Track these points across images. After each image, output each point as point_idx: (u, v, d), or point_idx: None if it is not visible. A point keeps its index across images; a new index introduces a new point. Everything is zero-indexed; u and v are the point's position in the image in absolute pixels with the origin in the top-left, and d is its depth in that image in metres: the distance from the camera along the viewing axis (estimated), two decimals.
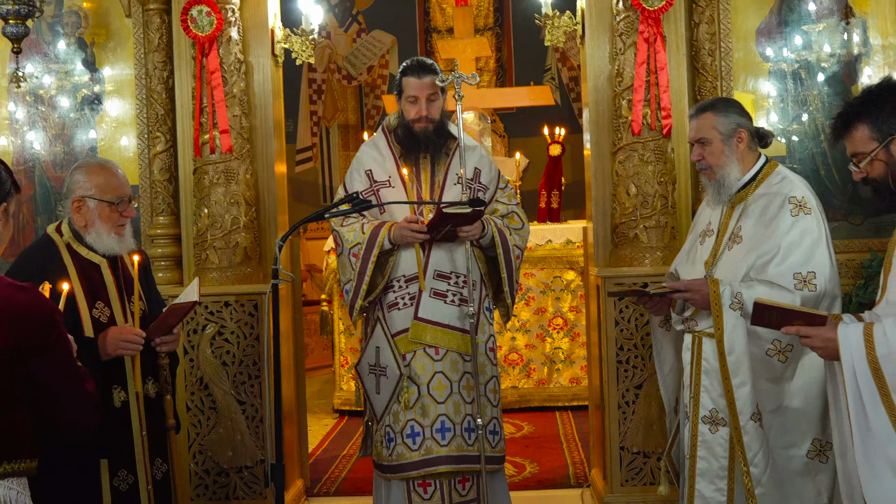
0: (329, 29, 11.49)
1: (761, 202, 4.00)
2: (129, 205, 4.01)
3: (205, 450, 5.37)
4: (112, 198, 3.96)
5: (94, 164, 4.06)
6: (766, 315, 3.43)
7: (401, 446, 4.61)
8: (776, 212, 3.93)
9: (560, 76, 11.67)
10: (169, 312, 4.00)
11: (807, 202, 3.94)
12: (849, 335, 3.21)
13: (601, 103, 5.40)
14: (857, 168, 3.39)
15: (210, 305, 5.33)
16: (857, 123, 3.35)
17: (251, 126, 5.47)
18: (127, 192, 4.02)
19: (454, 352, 4.61)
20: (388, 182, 4.71)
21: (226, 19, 5.32)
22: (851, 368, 3.19)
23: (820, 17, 5.53)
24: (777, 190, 4.00)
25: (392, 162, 4.73)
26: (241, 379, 5.36)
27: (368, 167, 4.77)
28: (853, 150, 3.40)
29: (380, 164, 4.75)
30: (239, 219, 5.36)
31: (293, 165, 11.03)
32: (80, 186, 3.97)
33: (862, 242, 5.40)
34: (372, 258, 4.57)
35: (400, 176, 4.69)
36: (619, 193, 5.25)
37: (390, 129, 4.78)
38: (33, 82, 5.68)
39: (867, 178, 3.39)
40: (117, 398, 3.92)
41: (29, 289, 2.99)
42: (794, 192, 3.96)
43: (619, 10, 5.24)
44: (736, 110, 4.08)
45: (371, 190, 4.71)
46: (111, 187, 3.97)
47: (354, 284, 4.63)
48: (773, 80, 5.55)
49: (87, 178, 3.97)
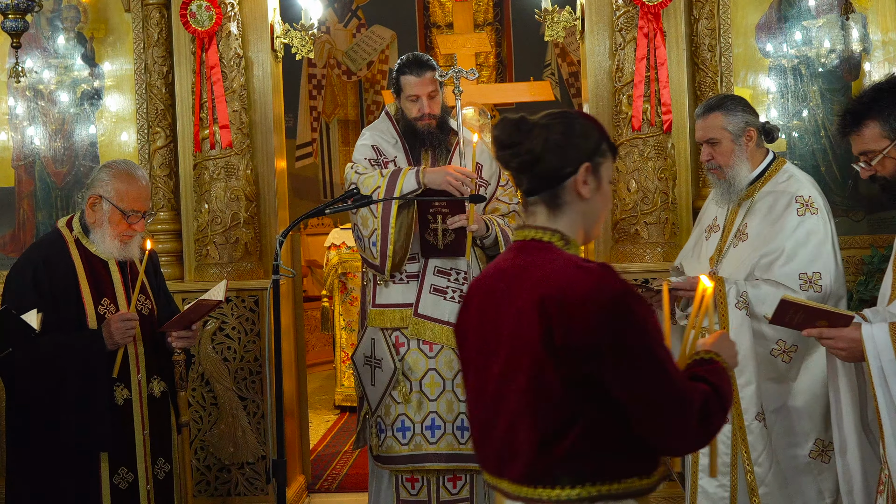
0: (328, 24, 11.47)
1: (768, 200, 3.98)
2: (140, 219, 3.99)
3: (206, 446, 5.37)
4: (126, 208, 3.94)
5: (123, 169, 4.02)
6: (790, 313, 3.35)
7: (391, 439, 4.61)
8: (782, 210, 3.92)
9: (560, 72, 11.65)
10: (192, 308, 3.99)
11: (813, 201, 3.92)
12: (875, 336, 3.17)
13: (601, 99, 5.40)
14: (866, 166, 3.35)
15: None
16: (868, 120, 3.32)
17: (251, 121, 5.47)
18: (142, 208, 3.99)
19: (449, 349, 4.59)
20: (395, 162, 4.67)
21: (225, 14, 5.31)
22: (879, 369, 3.14)
23: (820, 12, 5.52)
24: (784, 188, 3.98)
25: (400, 146, 4.69)
26: (243, 375, 5.36)
27: (375, 142, 4.71)
28: (862, 148, 3.36)
29: (388, 143, 4.70)
30: (239, 214, 5.36)
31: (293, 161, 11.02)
32: (101, 185, 3.96)
33: (863, 239, 5.39)
34: (397, 189, 4.35)
35: (407, 160, 4.65)
36: (620, 189, 5.25)
37: (395, 116, 4.74)
38: (33, 77, 5.67)
39: (875, 176, 3.37)
40: (120, 396, 3.92)
41: (593, 270, 2.28)
42: (800, 191, 3.94)
43: (618, 5, 5.24)
44: (743, 108, 4.04)
45: (378, 161, 4.66)
46: (130, 197, 3.95)
47: (380, 233, 4.43)
48: (773, 75, 5.54)
49: (111, 180, 3.95)
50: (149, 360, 4.03)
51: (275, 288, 3.98)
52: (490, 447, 2.39)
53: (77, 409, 3.80)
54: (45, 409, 3.82)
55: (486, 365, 2.37)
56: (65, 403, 3.79)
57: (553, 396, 2.25)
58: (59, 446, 3.83)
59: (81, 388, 3.80)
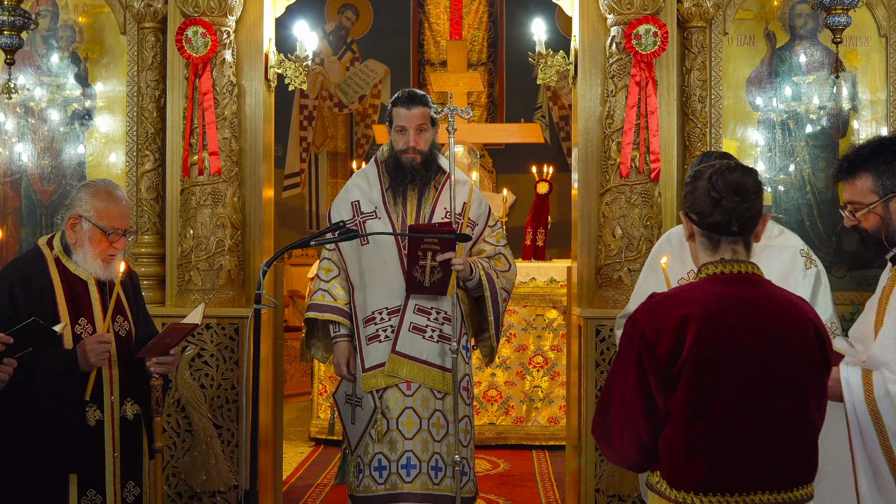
0: (323, 56, 11.53)
1: (765, 254, 3.99)
2: (120, 237, 3.98)
3: (178, 472, 5.32)
4: (106, 226, 3.94)
5: (101, 187, 4.02)
6: None
7: (368, 478, 4.60)
8: (790, 266, 3.97)
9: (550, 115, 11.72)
10: (168, 331, 3.96)
11: (811, 253, 4.04)
12: (850, 381, 3.22)
13: (591, 144, 5.43)
14: (851, 216, 3.38)
15: None
16: (862, 172, 3.33)
17: (241, 149, 5.47)
18: (123, 226, 3.99)
19: (426, 388, 4.58)
20: (374, 213, 4.71)
21: (220, 41, 5.33)
22: (854, 412, 3.20)
23: (810, 69, 5.58)
24: (782, 243, 4.05)
25: (378, 192, 4.74)
26: (219, 403, 5.32)
27: (355, 198, 4.78)
28: (851, 198, 3.39)
29: (366, 195, 4.76)
30: (224, 241, 5.34)
31: (280, 190, 11.03)
32: (80, 204, 3.95)
33: (844, 295, 5.42)
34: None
35: (385, 207, 4.69)
36: (605, 235, 5.27)
37: (382, 160, 4.79)
38: (25, 94, 5.67)
39: (857, 227, 3.40)
40: (91, 417, 3.88)
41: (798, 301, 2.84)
42: (800, 245, 4.06)
43: (612, 52, 5.28)
44: None
45: (356, 221, 4.71)
46: (109, 215, 3.95)
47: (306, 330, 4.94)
48: (762, 129, 5.59)
49: (90, 199, 3.95)
50: (123, 382, 3.99)
51: (256, 317, 3.96)
52: None
53: (47, 429, 3.74)
54: (14, 428, 3.76)
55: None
56: (35, 422, 3.74)
57: None
58: (27, 466, 3.77)
59: (52, 407, 3.74)
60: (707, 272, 2.79)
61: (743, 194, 2.75)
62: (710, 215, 2.76)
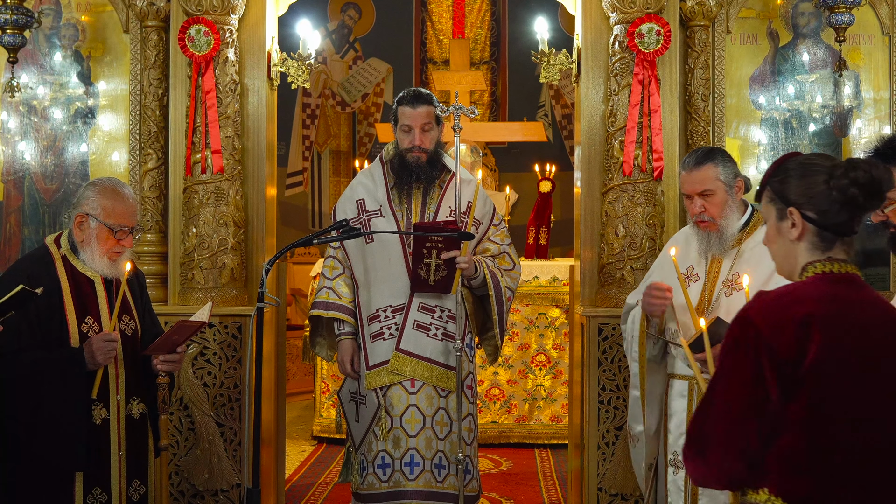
0: (325, 54, 11.53)
1: (758, 251, 3.96)
2: (128, 235, 3.99)
3: (181, 471, 5.32)
4: (113, 224, 3.94)
5: (108, 185, 4.03)
6: None
7: (371, 476, 4.60)
8: None
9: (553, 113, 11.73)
10: (175, 329, 3.97)
11: None
12: None
13: (593, 143, 5.42)
14: (879, 211, 3.27)
15: None
16: (892, 167, 3.19)
17: (243, 148, 5.47)
18: (130, 223, 3.99)
19: (430, 386, 4.59)
20: (379, 212, 4.72)
21: (223, 40, 5.33)
22: None
23: (813, 68, 5.58)
24: None
25: (384, 191, 4.74)
26: (221, 401, 5.32)
27: (360, 196, 4.78)
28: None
29: (371, 194, 4.76)
30: (227, 240, 5.34)
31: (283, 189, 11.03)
32: (87, 203, 3.96)
33: None
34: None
35: (390, 206, 4.70)
36: (608, 233, 5.26)
37: (387, 158, 4.80)
38: (28, 93, 5.67)
39: (887, 222, 3.33)
40: (98, 415, 3.89)
41: None
42: None
43: (615, 50, 5.28)
44: (731, 159, 4.04)
45: (361, 220, 4.72)
46: (116, 213, 3.95)
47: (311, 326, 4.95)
48: (765, 127, 5.59)
49: (97, 198, 3.96)
50: (129, 380, 4.00)
51: (258, 316, 3.96)
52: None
53: (53, 427, 3.76)
54: (21, 426, 3.77)
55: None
56: (41, 421, 3.75)
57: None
58: (33, 464, 3.78)
59: (59, 406, 3.76)
60: (815, 270, 2.62)
61: (879, 193, 2.61)
62: (837, 214, 2.60)
